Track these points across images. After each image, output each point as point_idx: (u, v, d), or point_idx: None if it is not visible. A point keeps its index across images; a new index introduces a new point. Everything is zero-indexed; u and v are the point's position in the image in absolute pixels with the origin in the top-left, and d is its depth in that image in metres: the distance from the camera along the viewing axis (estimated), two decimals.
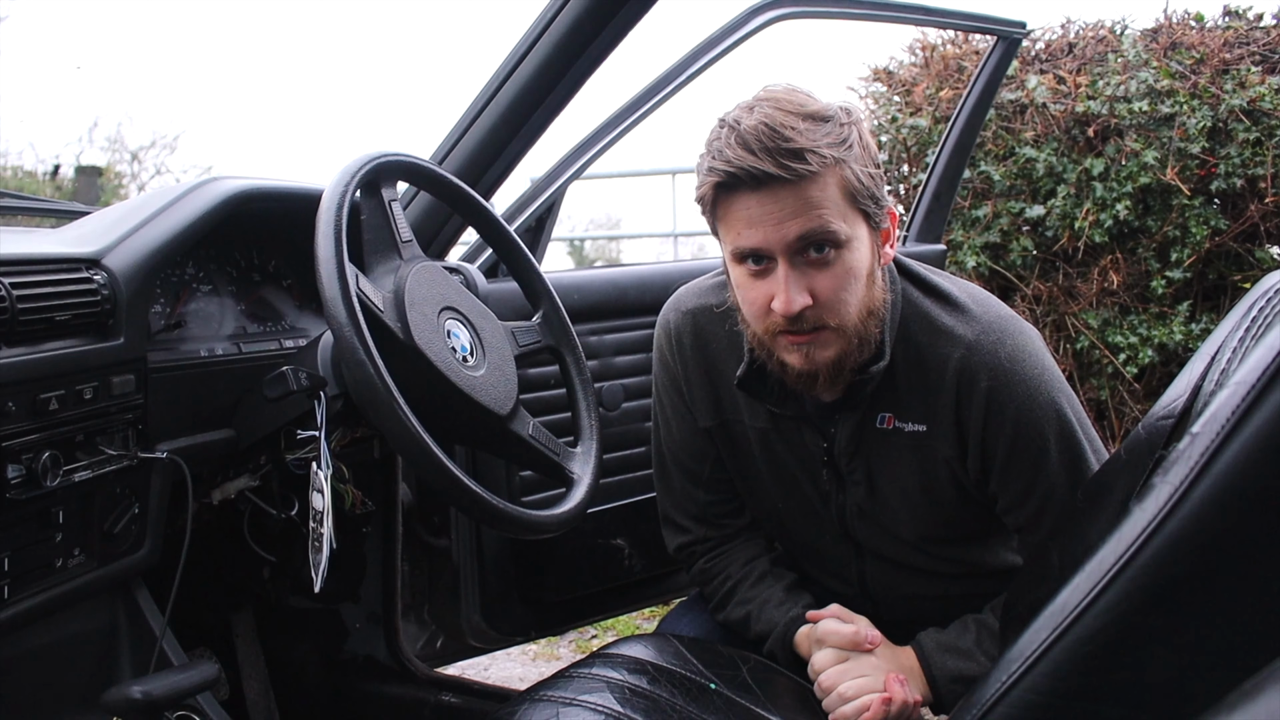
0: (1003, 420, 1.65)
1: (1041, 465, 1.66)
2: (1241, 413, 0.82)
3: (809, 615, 1.80)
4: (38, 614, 1.50)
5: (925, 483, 1.74)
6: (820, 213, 1.52)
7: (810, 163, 1.50)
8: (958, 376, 1.66)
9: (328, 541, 1.63)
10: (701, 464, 1.95)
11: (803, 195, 1.51)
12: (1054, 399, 1.67)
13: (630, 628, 3.99)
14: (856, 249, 1.58)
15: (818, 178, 1.51)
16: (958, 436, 1.69)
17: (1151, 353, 4.69)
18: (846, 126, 1.55)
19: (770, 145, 1.49)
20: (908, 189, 5.42)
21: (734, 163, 1.51)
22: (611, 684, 1.59)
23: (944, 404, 1.68)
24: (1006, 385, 1.64)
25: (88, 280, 1.53)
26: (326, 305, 1.44)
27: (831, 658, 1.72)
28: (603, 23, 1.80)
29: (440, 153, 2.05)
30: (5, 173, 14.94)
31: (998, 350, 1.66)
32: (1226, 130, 4.63)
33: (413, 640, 2.51)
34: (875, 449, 1.75)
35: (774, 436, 1.83)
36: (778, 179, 1.50)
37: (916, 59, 5.71)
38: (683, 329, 1.90)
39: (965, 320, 1.70)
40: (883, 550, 1.86)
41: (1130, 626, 0.87)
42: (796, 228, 1.53)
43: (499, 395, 1.67)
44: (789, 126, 1.50)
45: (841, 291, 1.58)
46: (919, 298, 1.74)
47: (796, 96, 1.56)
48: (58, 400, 1.45)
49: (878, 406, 1.73)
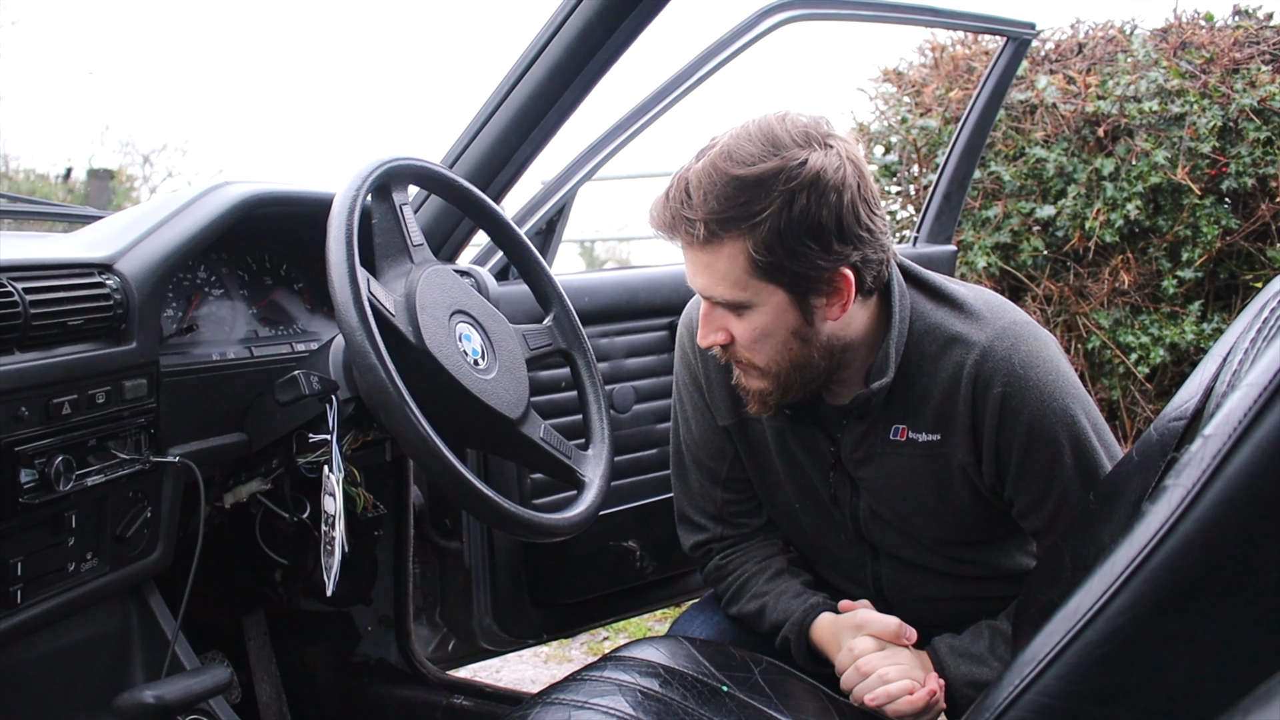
0: (1016, 426, 1.65)
1: (1056, 471, 1.66)
2: (1254, 415, 0.82)
3: (842, 605, 1.81)
4: (51, 618, 1.50)
5: (941, 490, 1.75)
6: (714, 279, 1.60)
7: (699, 233, 1.57)
8: (972, 383, 1.67)
9: (339, 544, 1.63)
10: (720, 462, 1.96)
11: (700, 259, 1.60)
12: (1068, 405, 1.66)
13: (642, 630, 3.99)
14: (766, 313, 1.62)
15: (712, 247, 1.57)
16: (972, 443, 1.69)
17: (1163, 352, 4.68)
18: (773, 198, 1.53)
19: (675, 205, 1.59)
20: (918, 189, 5.42)
21: (652, 214, 1.63)
22: (624, 687, 1.59)
23: (958, 411, 1.68)
24: (1020, 391, 1.64)
25: (100, 285, 1.54)
26: (338, 309, 1.44)
27: (872, 644, 1.72)
28: (613, 26, 1.79)
29: (451, 156, 2.05)
30: (17, 175, 14.96)
31: (1011, 356, 1.66)
32: (1237, 129, 4.61)
33: (424, 643, 2.51)
34: (889, 460, 1.76)
35: (789, 436, 1.84)
36: (680, 236, 1.60)
37: (926, 60, 5.70)
38: None
39: (978, 326, 1.70)
40: (898, 552, 1.86)
41: (1143, 629, 0.87)
42: (698, 283, 1.63)
43: (510, 398, 1.67)
44: (703, 189, 1.55)
45: (754, 344, 1.65)
46: (929, 308, 1.74)
47: (750, 150, 1.56)
48: (70, 405, 1.46)
49: (891, 418, 1.74)
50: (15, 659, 1.53)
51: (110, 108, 26.51)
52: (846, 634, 1.76)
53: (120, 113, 27.77)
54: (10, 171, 15.15)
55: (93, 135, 25.46)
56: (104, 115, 28.55)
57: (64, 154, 20.42)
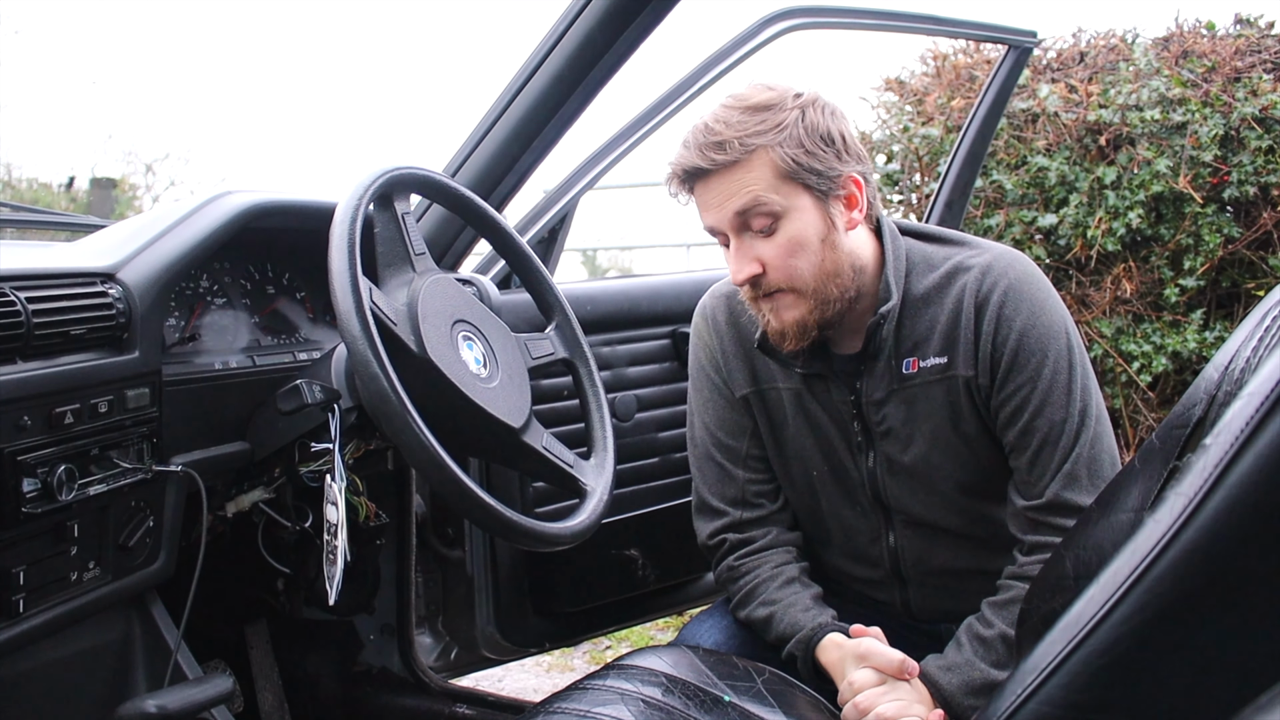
0: (1009, 332, 1.77)
1: (1038, 381, 1.77)
2: (1255, 424, 0.82)
3: (854, 629, 1.80)
4: (53, 628, 1.50)
5: (953, 418, 1.83)
6: (750, 190, 1.72)
7: (730, 152, 1.71)
8: (974, 297, 1.80)
9: (342, 553, 1.63)
10: (740, 439, 2.01)
11: (733, 178, 1.73)
12: (1054, 322, 1.79)
13: (644, 639, 3.98)
14: (798, 218, 1.75)
15: (744, 162, 1.72)
16: (974, 355, 1.80)
17: (1165, 361, 4.68)
18: (786, 111, 1.74)
19: (701, 141, 1.74)
20: (920, 198, 5.42)
21: (677, 162, 1.77)
22: (626, 696, 1.59)
23: (962, 327, 1.81)
24: (1015, 301, 1.78)
25: (102, 294, 1.54)
26: (340, 318, 1.45)
27: (873, 678, 1.71)
28: (615, 35, 1.80)
29: (453, 165, 2.05)
30: (20, 184, 15.00)
31: (1009, 271, 1.81)
32: (1239, 138, 4.62)
33: (427, 652, 2.51)
34: (904, 393, 1.85)
35: (806, 396, 1.92)
36: (708, 171, 1.74)
37: (928, 68, 5.71)
38: (716, 307, 2.04)
39: (975, 251, 1.86)
40: (913, 510, 1.90)
41: (1145, 639, 0.87)
42: (733, 205, 1.74)
43: (512, 407, 1.68)
44: (721, 121, 1.73)
45: (789, 258, 1.76)
46: (924, 247, 1.90)
47: (749, 91, 1.77)
48: (73, 414, 1.46)
49: (901, 353, 1.84)
50: (17, 668, 1.53)
51: (113, 117, 26.60)
52: (850, 664, 1.75)
53: (123, 122, 27.87)
54: (13, 180, 15.20)
55: (95, 144, 25.58)
56: (107, 124, 28.65)
57: (67, 163, 20.44)
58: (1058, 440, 1.75)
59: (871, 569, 1.99)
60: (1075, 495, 1.73)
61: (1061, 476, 1.74)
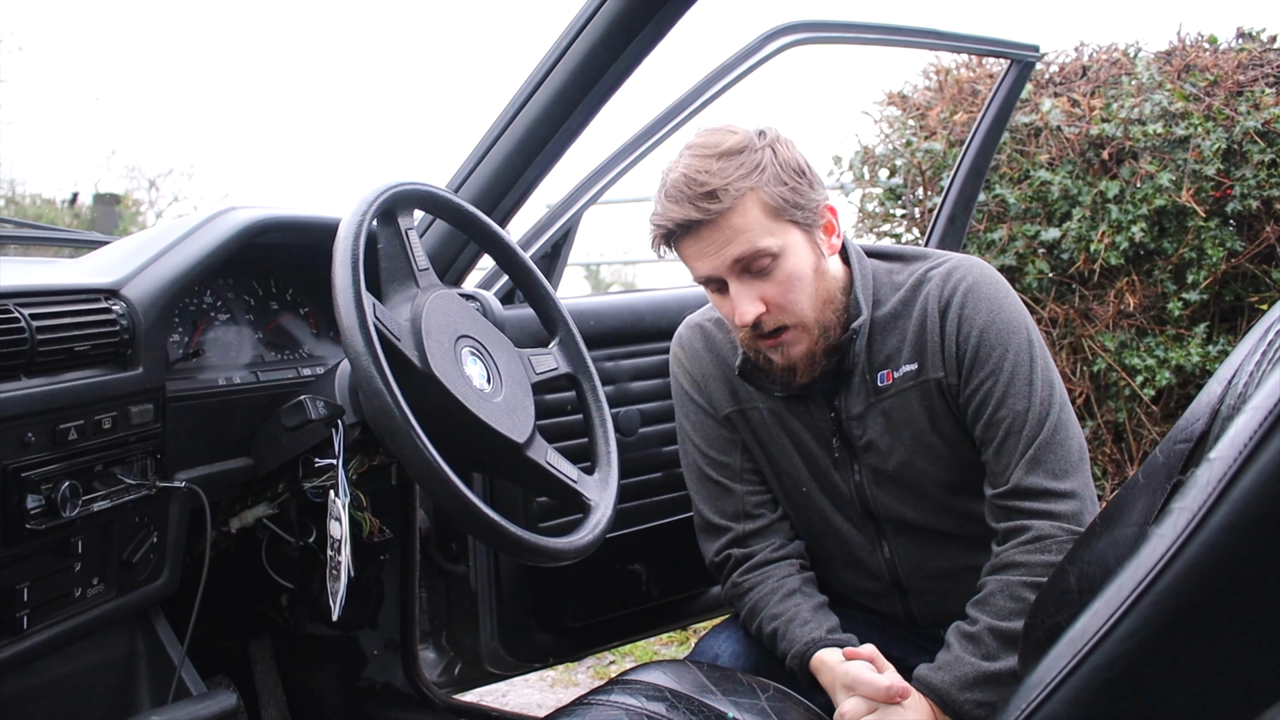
0: (971, 329, 1.84)
1: (999, 374, 1.82)
2: (1259, 438, 0.82)
3: (846, 652, 1.81)
4: (57, 644, 1.50)
5: (931, 419, 1.88)
6: (746, 236, 1.76)
7: (723, 200, 1.74)
8: (938, 303, 1.87)
9: (346, 569, 1.63)
10: (731, 453, 2.05)
11: (728, 226, 1.75)
12: (1015, 319, 1.85)
13: (649, 653, 3.98)
14: (793, 254, 1.80)
15: (735, 208, 1.75)
16: (941, 356, 1.86)
17: (1169, 375, 4.67)
18: (759, 152, 1.78)
19: (689, 193, 1.75)
20: (923, 212, 5.42)
21: (665, 217, 1.78)
22: (630, 711, 1.59)
23: (928, 332, 1.87)
24: (975, 300, 1.85)
25: (106, 310, 1.54)
26: (344, 334, 1.45)
27: (862, 707, 1.72)
28: (618, 51, 1.81)
29: (456, 181, 2.06)
30: (24, 200, 15.02)
31: (968, 275, 1.87)
32: (1241, 152, 4.61)
33: (431, 667, 2.50)
34: (882, 404, 1.89)
35: (787, 415, 1.97)
36: (702, 221, 1.75)
37: (931, 83, 5.71)
38: (692, 336, 2.10)
39: (935, 261, 1.93)
40: (904, 516, 1.93)
41: (1150, 653, 0.87)
42: (732, 252, 1.76)
43: (516, 423, 1.68)
44: (703, 171, 1.75)
45: (790, 294, 1.80)
46: (888, 266, 1.96)
47: (714, 138, 1.79)
48: (77, 430, 1.46)
49: (875, 366, 1.89)
50: (22, 685, 1.53)
51: (116, 133, 26.64)
52: (840, 692, 1.77)
53: (126, 138, 27.96)
54: (16, 196, 15.22)
55: (99, 160, 25.57)
56: (110, 140, 28.75)
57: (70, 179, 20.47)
58: (1021, 429, 1.80)
59: (872, 580, 2.02)
60: (1039, 480, 1.77)
61: (1025, 462, 1.78)
